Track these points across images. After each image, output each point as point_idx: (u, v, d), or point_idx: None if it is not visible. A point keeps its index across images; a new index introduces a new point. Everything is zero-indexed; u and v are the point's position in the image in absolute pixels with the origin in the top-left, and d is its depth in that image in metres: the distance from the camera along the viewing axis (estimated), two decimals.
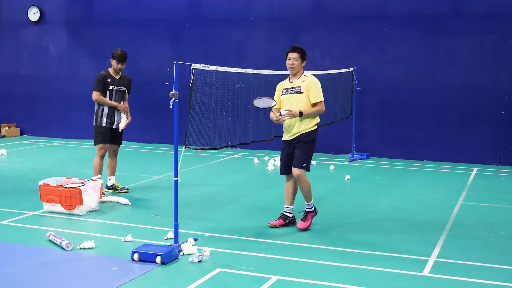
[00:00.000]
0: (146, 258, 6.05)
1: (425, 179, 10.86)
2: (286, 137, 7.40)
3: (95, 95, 8.96)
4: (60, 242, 6.52)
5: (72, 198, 7.89)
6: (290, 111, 7.13)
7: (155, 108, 14.85)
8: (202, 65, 6.55)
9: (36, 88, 16.44)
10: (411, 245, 6.81)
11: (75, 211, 7.95)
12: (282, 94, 7.39)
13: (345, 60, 13.09)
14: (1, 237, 6.91)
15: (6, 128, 16.44)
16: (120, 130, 9.16)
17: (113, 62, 9.07)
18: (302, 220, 7.40)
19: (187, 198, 8.85)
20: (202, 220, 7.76)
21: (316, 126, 7.36)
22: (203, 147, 7.42)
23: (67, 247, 6.44)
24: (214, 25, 14.43)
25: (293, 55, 7.31)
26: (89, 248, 6.49)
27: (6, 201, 8.68)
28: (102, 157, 9.08)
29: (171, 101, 6.20)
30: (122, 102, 9.18)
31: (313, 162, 12.20)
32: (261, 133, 9.17)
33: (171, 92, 6.18)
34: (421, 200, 9.12)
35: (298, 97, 7.26)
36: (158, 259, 5.99)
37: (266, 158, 12.65)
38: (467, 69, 12.56)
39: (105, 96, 9.01)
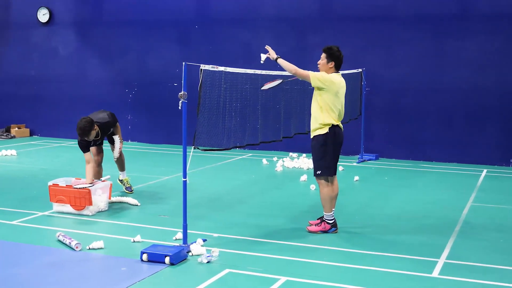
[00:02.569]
0: (155, 258, 6.05)
1: (434, 180, 10.82)
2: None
3: (86, 157, 8.51)
4: (70, 243, 6.54)
5: (82, 198, 7.92)
6: (270, 50, 7.23)
7: (163, 109, 14.88)
8: (211, 66, 6.55)
9: (45, 89, 16.51)
10: (421, 246, 6.79)
11: (84, 211, 7.97)
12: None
13: (353, 61, 13.04)
14: (10, 237, 6.94)
15: (16, 128, 16.52)
16: (114, 160, 9.07)
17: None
18: (315, 224, 7.34)
19: (196, 198, 8.85)
20: (210, 221, 7.77)
21: (327, 129, 7.12)
22: (211, 148, 7.42)
23: (76, 247, 6.46)
24: (222, 26, 14.44)
25: (322, 55, 7.24)
26: (98, 249, 6.51)
27: (16, 201, 8.72)
28: (98, 164, 8.95)
29: (180, 101, 6.21)
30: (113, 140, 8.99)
31: None
32: (270, 133, 9.17)
33: (180, 93, 6.19)
34: (430, 201, 9.09)
35: (314, 95, 7.23)
36: (167, 259, 6.00)
37: (275, 159, 12.65)
38: (475, 69, 12.51)
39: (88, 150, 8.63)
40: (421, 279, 5.72)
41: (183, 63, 6.26)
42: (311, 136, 7.32)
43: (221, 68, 6.88)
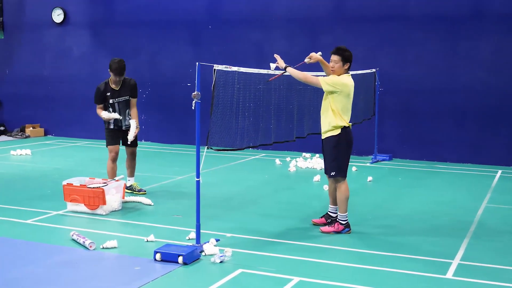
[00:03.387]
0: (168, 258, 6.07)
1: (448, 181, 10.76)
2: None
3: (97, 109, 8.85)
4: (83, 242, 6.58)
5: (95, 198, 7.95)
6: (278, 59, 7.12)
7: (176, 109, 14.92)
8: (224, 66, 6.56)
9: (59, 88, 16.61)
10: (434, 247, 6.75)
11: (98, 211, 8.01)
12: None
13: (365, 61, 13.00)
14: (25, 236, 6.99)
15: (31, 128, 16.64)
16: (128, 143, 8.97)
17: (111, 74, 8.77)
18: (328, 224, 7.35)
19: (209, 198, 8.87)
20: (224, 221, 7.78)
21: (339, 130, 7.11)
22: (225, 148, 7.43)
23: (90, 246, 6.50)
24: (234, 26, 14.45)
25: (334, 58, 7.12)
26: (111, 248, 6.54)
27: (30, 201, 8.78)
28: (114, 160, 9.00)
29: (193, 101, 6.22)
30: (128, 111, 9.03)
31: None
32: (283, 134, 9.16)
33: (193, 93, 6.20)
34: (444, 202, 9.04)
35: (326, 96, 7.19)
36: (180, 259, 6.01)
37: (288, 159, 12.64)
38: (489, 69, 12.42)
39: (106, 108, 8.88)
40: (434, 281, 5.69)
41: (197, 63, 6.27)
42: (323, 138, 7.31)
43: (235, 68, 6.89)
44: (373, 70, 12.59)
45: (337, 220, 7.29)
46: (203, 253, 6.31)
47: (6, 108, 17.43)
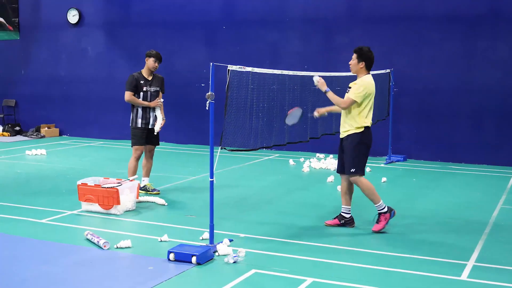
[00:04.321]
0: (181, 258, 6.08)
1: (463, 182, 10.69)
2: (340, 133, 7.45)
3: (127, 95, 8.99)
4: (98, 241, 6.61)
5: (110, 197, 7.99)
6: (320, 82, 7.19)
7: (190, 109, 14.96)
8: (238, 66, 6.56)
9: (74, 89, 16.73)
10: (449, 248, 6.71)
11: (112, 210, 8.04)
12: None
13: (381, 61, 12.92)
14: (40, 236, 7.03)
15: (46, 128, 16.76)
16: (155, 133, 9.14)
17: (150, 61, 9.08)
18: (376, 222, 7.36)
19: (223, 199, 8.87)
20: (237, 221, 7.78)
21: (363, 129, 7.22)
22: (238, 148, 7.43)
23: (104, 246, 6.52)
24: (249, 27, 14.47)
25: (353, 55, 7.32)
26: (125, 248, 6.56)
27: (45, 200, 8.84)
28: (138, 158, 9.13)
29: (207, 102, 6.23)
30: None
31: None
32: (297, 134, 9.14)
33: (207, 93, 6.20)
34: (459, 203, 8.98)
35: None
36: (194, 259, 6.02)
37: (302, 159, 12.62)
38: (506, 70, 12.33)
39: (139, 96, 9.07)
40: (449, 282, 5.65)
41: (211, 63, 6.28)
42: (342, 136, 7.34)
43: (249, 69, 6.88)
44: (388, 70, 12.53)
45: (378, 212, 7.32)
46: (216, 253, 6.31)
47: (22, 108, 17.57)
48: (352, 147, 7.25)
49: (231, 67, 6.43)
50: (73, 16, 16.39)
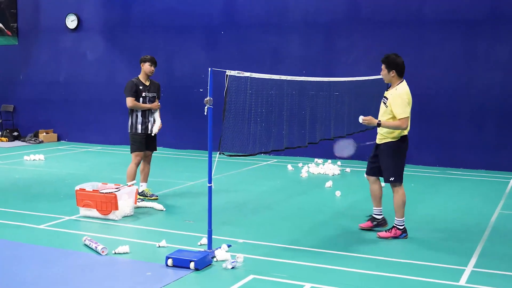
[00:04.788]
0: (180, 263, 6.07)
1: (461, 187, 10.69)
2: (377, 139, 7.43)
3: (130, 101, 8.97)
4: (96, 247, 6.60)
5: (108, 203, 7.98)
6: (367, 120, 7.05)
7: (190, 114, 14.95)
8: (237, 71, 6.56)
9: (73, 94, 16.73)
10: (447, 254, 6.70)
11: (111, 216, 8.03)
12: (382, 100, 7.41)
13: (381, 64, 12.95)
14: (38, 241, 7.02)
15: (44, 133, 16.74)
16: (153, 134, 9.16)
17: (146, 65, 9.08)
18: (386, 230, 7.37)
19: (221, 204, 8.86)
20: (235, 226, 7.77)
21: (399, 138, 7.23)
22: (237, 154, 7.42)
23: (103, 251, 6.51)
24: (249, 30, 14.48)
25: (382, 66, 7.36)
26: (123, 253, 6.55)
27: (44, 206, 8.83)
28: (138, 164, 9.12)
29: (206, 107, 6.23)
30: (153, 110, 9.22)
31: (347, 169, 12.15)
32: (295, 139, 9.14)
33: (205, 99, 6.21)
34: (458, 209, 8.98)
35: (383, 109, 7.26)
36: (192, 265, 6.01)
37: (300, 164, 12.62)
38: (506, 71, 12.33)
39: (138, 100, 9.03)
40: None
41: (209, 68, 6.28)
42: (381, 142, 7.33)
43: (247, 74, 6.89)
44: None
45: (394, 225, 7.30)
46: (215, 259, 6.31)
47: (20, 113, 17.56)
48: (389, 156, 7.25)
49: (229, 72, 6.43)
50: (71, 21, 16.40)
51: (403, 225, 7.30)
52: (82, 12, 16.38)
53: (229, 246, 6.73)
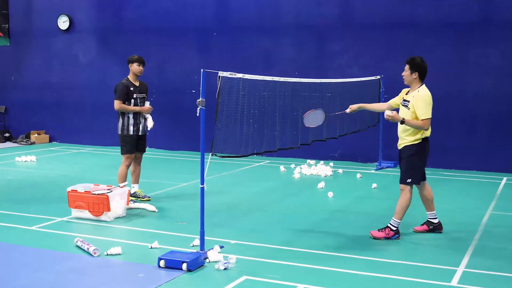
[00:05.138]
0: (172, 265, 6.07)
1: (453, 188, 10.73)
2: (398, 144, 7.51)
3: (117, 104, 8.90)
4: (88, 248, 6.58)
5: (100, 204, 7.96)
6: (391, 115, 7.07)
7: (183, 115, 14.94)
8: (229, 72, 6.57)
9: (65, 95, 16.68)
10: (439, 254, 6.73)
11: (103, 217, 8.01)
12: (401, 104, 7.47)
13: (373, 68, 13.02)
14: (30, 243, 7.00)
15: (36, 135, 16.69)
16: (148, 129, 9.17)
17: (134, 66, 9.03)
18: (379, 229, 7.39)
19: (214, 205, 8.86)
20: (228, 228, 7.77)
21: (421, 140, 7.28)
22: (229, 155, 7.43)
23: (95, 253, 6.50)
24: (242, 33, 14.49)
25: (405, 66, 7.37)
26: (116, 254, 6.54)
27: (35, 207, 8.80)
28: (129, 166, 9.10)
29: (198, 108, 6.24)
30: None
31: (339, 170, 12.18)
32: (288, 141, 9.15)
33: (198, 100, 6.21)
34: (450, 210, 9.01)
35: (405, 112, 7.27)
36: (184, 266, 6.00)
37: (293, 166, 12.63)
38: (498, 76, 12.40)
39: (129, 103, 9.01)
40: None
41: (202, 70, 6.29)
42: (401, 147, 7.39)
43: (239, 75, 6.89)
44: (378, 77, 12.58)
45: (389, 225, 7.34)
46: (207, 260, 6.30)
47: (12, 114, 17.50)
48: (409, 156, 7.32)
49: (221, 74, 6.43)
50: (63, 23, 16.36)
51: (398, 227, 7.32)
52: (74, 13, 16.34)
53: (221, 247, 6.74)
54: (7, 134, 17.03)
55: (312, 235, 7.49)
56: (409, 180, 7.32)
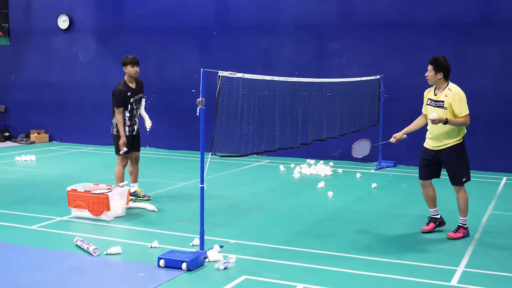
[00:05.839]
0: (172, 264, 6.07)
1: (452, 188, 10.69)
2: (430, 145, 7.49)
3: (118, 113, 8.81)
4: (87, 248, 6.58)
5: (100, 204, 7.96)
6: (437, 118, 7.04)
7: (183, 115, 14.93)
8: (229, 72, 6.56)
9: (65, 95, 16.67)
10: (439, 254, 6.73)
11: (102, 217, 8.01)
12: (428, 104, 7.48)
13: (373, 67, 13.01)
14: (30, 242, 7.00)
15: (35, 134, 16.68)
16: (148, 130, 9.16)
17: (128, 68, 8.88)
18: (453, 230, 7.45)
19: (213, 205, 8.86)
20: (228, 227, 7.77)
21: (462, 139, 7.37)
22: (229, 154, 7.43)
23: (94, 252, 6.50)
24: (242, 33, 14.48)
25: (428, 67, 7.38)
26: (115, 254, 6.54)
27: (35, 207, 8.79)
28: (125, 166, 9.08)
29: (198, 108, 6.23)
30: (138, 110, 9.15)
31: (339, 170, 12.18)
32: (287, 140, 9.15)
33: (197, 99, 6.21)
34: (450, 209, 8.99)
35: (441, 112, 7.25)
36: (184, 265, 6.01)
37: (292, 165, 12.62)
38: (498, 76, 12.39)
39: (126, 108, 8.89)
40: None
41: (201, 69, 6.29)
42: (441, 148, 7.40)
43: (239, 75, 6.89)
44: (378, 76, 12.57)
45: (460, 225, 7.43)
46: (207, 260, 6.30)
47: (12, 114, 17.49)
48: (459, 157, 7.39)
49: (221, 73, 6.43)
50: (63, 22, 16.35)
51: (466, 222, 7.46)
52: (74, 12, 16.33)
53: (221, 246, 6.74)
54: (6, 134, 17.02)
55: (312, 234, 7.49)
56: (464, 179, 7.43)
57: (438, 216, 7.72)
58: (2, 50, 17.39)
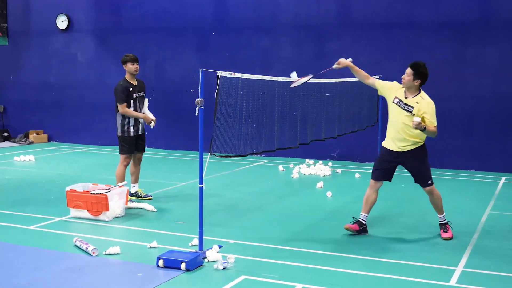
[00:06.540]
0: (171, 264, 6.07)
1: (452, 188, 10.73)
2: (392, 146, 7.39)
3: (122, 108, 8.88)
4: (86, 248, 6.58)
5: (98, 204, 7.96)
6: (419, 123, 6.92)
7: (182, 115, 14.92)
8: (228, 72, 6.57)
9: (64, 95, 16.66)
10: (438, 254, 6.73)
11: (101, 217, 8.01)
12: (394, 103, 7.33)
13: (372, 67, 12.96)
14: (29, 242, 6.99)
15: (34, 134, 16.67)
16: (151, 127, 9.19)
17: (129, 65, 8.96)
18: (443, 231, 7.44)
19: (212, 205, 8.86)
20: (227, 227, 7.77)
21: (423, 142, 7.38)
22: (228, 154, 7.43)
23: (93, 252, 6.49)
24: (240, 33, 14.48)
25: (407, 70, 7.28)
26: (114, 254, 6.54)
27: (34, 207, 8.79)
28: (127, 166, 9.10)
29: (197, 108, 6.23)
30: (142, 107, 9.20)
31: (338, 170, 12.18)
32: (286, 140, 9.16)
33: (196, 99, 6.21)
34: (448, 209, 8.98)
35: (406, 116, 7.19)
36: (183, 265, 6.00)
37: (291, 165, 12.63)
38: (496, 76, 12.40)
39: (129, 106, 8.99)
40: None
41: (200, 69, 6.29)
42: (405, 150, 7.33)
43: (238, 75, 6.89)
44: (377, 76, 12.54)
45: (443, 222, 7.51)
46: (206, 260, 6.30)
47: (10, 114, 17.49)
48: (423, 160, 7.39)
49: (220, 73, 6.43)
50: (62, 22, 16.34)
51: (445, 218, 7.53)
52: (72, 12, 16.32)
53: (220, 246, 6.74)
54: (5, 134, 17.00)
55: (311, 234, 7.49)
56: (430, 182, 7.44)
57: (365, 223, 7.54)
58: (1, 50, 17.38)
